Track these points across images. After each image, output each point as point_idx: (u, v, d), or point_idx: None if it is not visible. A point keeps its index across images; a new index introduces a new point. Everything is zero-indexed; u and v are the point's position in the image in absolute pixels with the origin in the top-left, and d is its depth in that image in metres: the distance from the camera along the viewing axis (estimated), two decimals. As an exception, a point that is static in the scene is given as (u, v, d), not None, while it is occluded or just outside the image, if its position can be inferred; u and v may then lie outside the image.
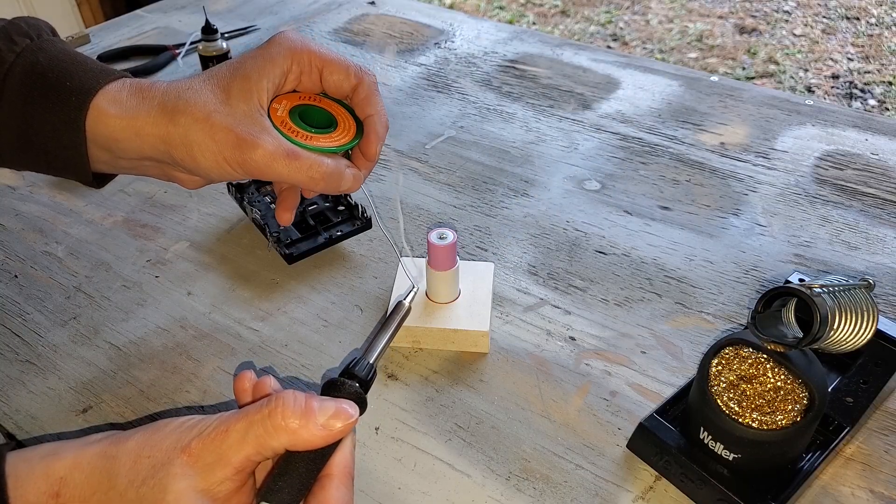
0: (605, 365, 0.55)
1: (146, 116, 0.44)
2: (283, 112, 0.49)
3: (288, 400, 0.34)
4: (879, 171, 0.76)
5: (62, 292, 0.64)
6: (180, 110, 0.44)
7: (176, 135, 0.44)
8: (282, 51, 0.48)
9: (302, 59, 0.49)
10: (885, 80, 2.56)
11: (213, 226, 0.71)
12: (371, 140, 0.50)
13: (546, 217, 0.71)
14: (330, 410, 0.35)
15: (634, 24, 3.04)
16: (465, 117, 0.87)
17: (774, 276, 0.63)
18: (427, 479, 0.48)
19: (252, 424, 0.34)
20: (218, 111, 0.44)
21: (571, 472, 0.48)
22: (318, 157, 0.47)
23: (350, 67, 0.50)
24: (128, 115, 0.44)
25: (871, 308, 0.44)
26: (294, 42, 0.48)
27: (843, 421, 0.48)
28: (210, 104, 0.44)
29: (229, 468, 0.33)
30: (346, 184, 0.49)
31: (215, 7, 1.18)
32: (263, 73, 0.47)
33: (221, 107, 0.45)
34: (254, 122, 0.46)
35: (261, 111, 0.46)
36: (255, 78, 0.47)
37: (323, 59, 0.49)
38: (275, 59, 0.48)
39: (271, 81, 0.47)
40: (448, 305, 0.57)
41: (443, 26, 1.09)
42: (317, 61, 0.49)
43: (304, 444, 0.34)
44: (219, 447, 0.34)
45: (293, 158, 0.46)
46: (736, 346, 0.45)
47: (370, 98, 0.50)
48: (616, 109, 0.87)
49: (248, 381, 0.39)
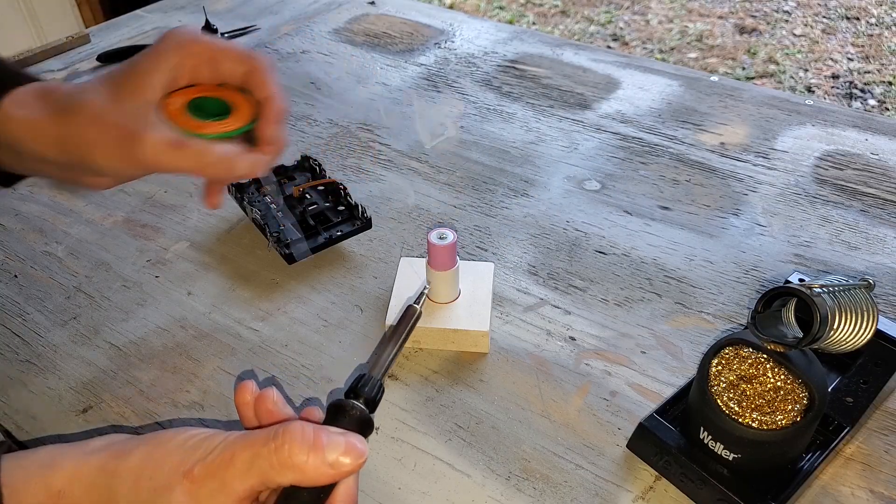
0: (605, 365, 0.55)
1: (45, 118, 0.45)
2: (178, 105, 0.50)
3: (296, 434, 0.33)
4: (879, 171, 0.76)
5: (62, 292, 0.64)
6: (75, 110, 0.45)
7: (71, 135, 0.45)
8: (171, 45, 0.49)
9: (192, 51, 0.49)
10: (885, 80, 2.56)
11: (213, 226, 0.71)
12: (267, 121, 0.50)
13: (546, 217, 0.71)
14: (340, 447, 0.33)
15: (634, 24, 3.04)
16: (465, 117, 0.87)
17: (774, 276, 0.63)
18: (427, 479, 0.48)
19: (258, 457, 0.33)
20: (108, 109, 0.45)
21: (571, 472, 0.48)
22: (206, 144, 0.48)
23: (241, 53, 0.51)
24: (29, 117, 0.45)
25: (871, 308, 0.44)
26: (183, 36, 0.49)
27: (843, 421, 0.48)
28: (101, 103, 0.45)
29: (232, 498, 0.33)
30: (241, 168, 0.49)
31: (215, 7, 1.18)
32: (153, 69, 0.48)
33: (112, 105, 0.45)
34: (141, 117, 0.46)
35: (149, 105, 0.47)
36: (145, 74, 0.48)
37: (214, 49, 0.50)
38: (164, 54, 0.48)
39: (162, 76, 0.48)
40: (448, 305, 0.57)
41: (443, 26, 1.09)
42: (207, 52, 0.50)
43: (311, 482, 0.33)
44: (223, 476, 0.32)
45: (179, 148, 0.47)
46: (736, 346, 0.45)
47: (264, 81, 0.51)
48: (616, 109, 0.87)
49: (250, 393, 0.38)
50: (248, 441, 0.33)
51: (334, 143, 0.83)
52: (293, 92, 0.93)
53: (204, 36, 0.50)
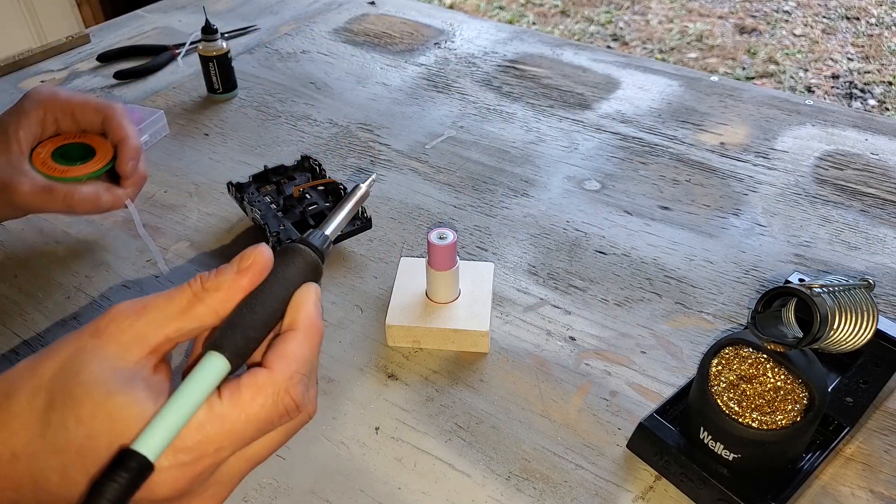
0: (605, 365, 0.55)
1: None
2: (46, 154, 0.58)
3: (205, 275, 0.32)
4: (879, 171, 0.76)
5: (62, 292, 0.64)
6: None
7: None
8: (32, 104, 0.58)
9: (52, 106, 0.58)
10: (885, 80, 2.56)
11: (213, 226, 0.71)
12: (122, 160, 0.59)
13: (546, 217, 0.71)
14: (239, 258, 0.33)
15: (634, 24, 3.04)
16: (465, 117, 0.87)
17: (774, 276, 0.63)
18: (427, 479, 0.48)
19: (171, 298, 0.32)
20: None
21: (571, 472, 0.48)
22: (71, 186, 0.57)
23: (96, 104, 0.60)
24: None
25: (871, 308, 0.44)
26: (42, 94, 0.58)
27: (843, 421, 0.48)
28: None
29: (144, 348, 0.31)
30: (105, 204, 0.58)
31: (215, 7, 1.18)
32: (19, 126, 0.56)
33: None
34: (14, 168, 0.55)
35: (20, 158, 0.56)
36: (13, 130, 0.56)
37: (70, 103, 0.59)
38: (27, 112, 0.57)
39: (28, 131, 0.57)
40: (448, 305, 0.57)
41: (443, 26, 1.09)
42: (65, 106, 0.59)
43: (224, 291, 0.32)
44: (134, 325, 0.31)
45: (48, 193, 0.56)
46: (736, 346, 0.45)
47: (117, 126, 0.59)
48: (616, 109, 0.87)
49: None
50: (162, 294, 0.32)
51: (334, 143, 0.83)
52: (293, 92, 0.93)
53: (62, 92, 0.59)
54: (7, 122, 0.57)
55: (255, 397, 0.30)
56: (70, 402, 0.29)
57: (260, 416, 0.30)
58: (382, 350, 0.57)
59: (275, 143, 0.83)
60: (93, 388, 0.29)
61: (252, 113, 0.89)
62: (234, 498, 0.47)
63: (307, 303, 0.34)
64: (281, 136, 0.84)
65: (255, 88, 0.94)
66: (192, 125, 0.87)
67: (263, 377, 0.31)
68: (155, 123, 0.83)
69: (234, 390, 0.30)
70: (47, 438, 0.29)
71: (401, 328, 0.56)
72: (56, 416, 0.29)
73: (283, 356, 0.32)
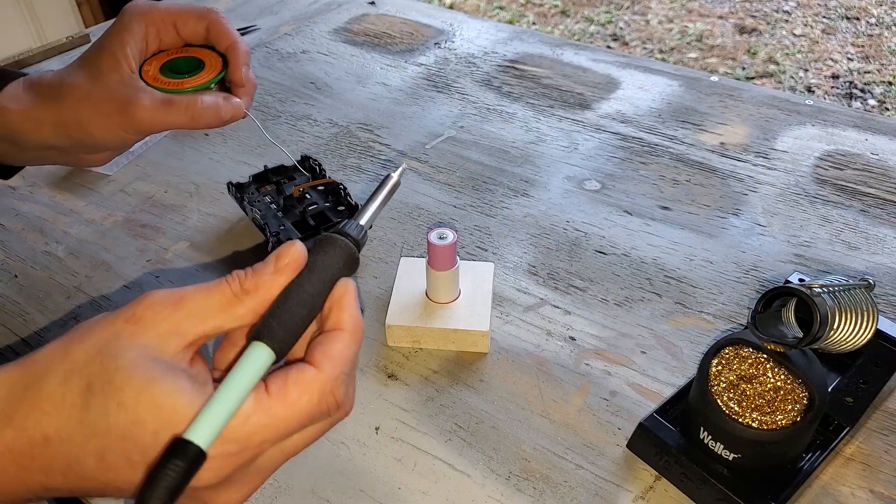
0: (605, 365, 0.55)
1: (40, 107, 0.49)
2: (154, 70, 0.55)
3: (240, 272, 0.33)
4: (879, 171, 0.76)
5: (62, 292, 0.64)
6: (65, 95, 0.49)
7: (68, 118, 0.49)
8: (133, 18, 0.54)
9: (153, 19, 0.55)
10: (885, 80, 2.56)
11: (213, 226, 0.71)
12: (235, 66, 0.56)
13: (546, 217, 0.71)
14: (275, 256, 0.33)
15: (634, 24, 3.04)
16: (465, 117, 0.87)
17: (774, 276, 0.63)
18: (427, 479, 0.48)
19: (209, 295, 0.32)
20: (95, 87, 0.50)
21: (571, 472, 0.48)
22: (191, 97, 0.53)
23: (197, 12, 0.56)
24: (25, 108, 0.49)
25: (871, 308, 0.44)
26: (141, 7, 0.55)
27: (843, 421, 0.48)
28: (87, 83, 0.50)
29: (183, 340, 0.31)
30: (227, 113, 0.55)
31: (215, 7, 1.18)
32: (124, 42, 0.53)
33: (97, 82, 0.50)
34: (128, 86, 0.51)
35: (132, 76, 0.52)
36: (118, 48, 0.52)
37: (172, 14, 0.56)
38: (129, 27, 0.53)
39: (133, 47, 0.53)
40: (448, 305, 0.57)
41: (443, 26, 1.09)
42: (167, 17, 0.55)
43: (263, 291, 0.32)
44: (171, 317, 0.31)
45: (170, 105, 0.52)
46: (736, 346, 0.45)
47: (223, 32, 0.56)
48: (616, 109, 0.88)
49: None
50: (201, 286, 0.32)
51: (334, 143, 0.83)
52: (293, 92, 0.93)
53: (160, 4, 0.55)
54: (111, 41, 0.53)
55: (302, 395, 0.31)
56: (109, 387, 0.29)
57: (304, 413, 0.31)
58: (382, 350, 0.57)
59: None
60: (133, 373, 0.29)
61: (252, 113, 0.88)
62: (234, 498, 0.47)
63: (351, 303, 0.34)
64: (281, 136, 0.84)
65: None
66: (192, 125, 0.87)
67: (311, 375, 0.31)
68: (155, 123, 0.83)
69: (282, 386, 0.31)
70: (85, 423, 0.29)
71: (401, 328, 0.56)
72: (96, 401, 0.29)
73: (331, 357, 0.32)
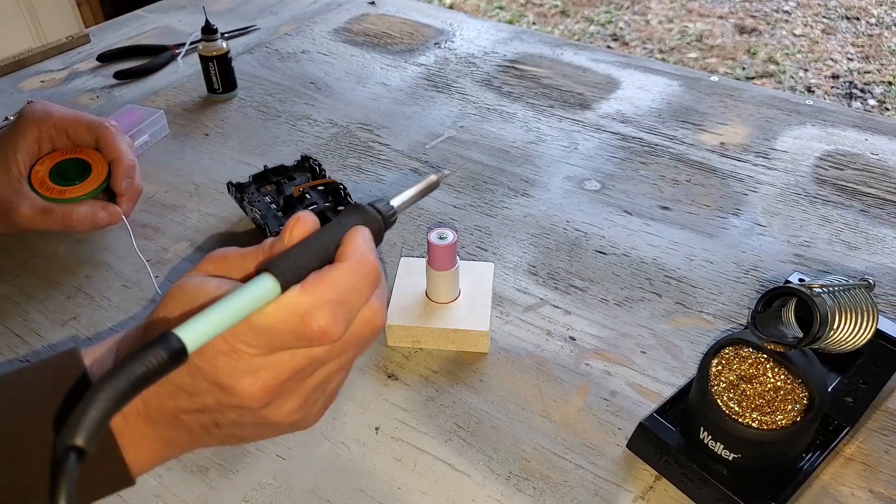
0: (605, 365, 0.55)
1: None
2: (44, 173, 0.61)
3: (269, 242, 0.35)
4: (879, 171, 0.76)
5: (62, 292, 0.63)
6: None
7: None
8: (27, 123, 0.60)
9: (46, 126, 0.61)
10: (885, 80, 2.56)
11: (213, 226, 0.71)
12: (117, 178, 0.62)
13: (546, 217, 0.71)
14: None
15: (634, 24, 3.04)
16: (465, 117, 0.87)
17: (774, 276, 0.63)
18: (427, 479, 0.48)
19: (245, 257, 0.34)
20: None
21: (571, 471, 0.48)
22: (68, 207, 0.60)
23: (87, 123, 0.62)
24: None
25: (871, 308, 0.44)
26: (36, 113, 0.61)
27: (843, 421, 0.48)
28: None
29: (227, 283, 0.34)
30: (103, 220, 0.62)
31: (215, 7, 1.18)
32: (17, 147, 0.59)
33: None
34: (13, 190, 0.59)
35: (20, 178, 0.59)
36: (11, 152, 0.59)
37: (65, 122, 0.62)
38: (23, 132, 0.60)
39: (25, 151, 0.60)
40: (448, 305, 0.57)
41: (443, 26, 1.09)
42: (58, 124, 0.61)
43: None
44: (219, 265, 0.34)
45: (47, 214, 0.59)
46: (736, 346, 0.45)
47: (111, 145, 0.62)
48: (616, 109, 0.87)
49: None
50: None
51: (334, 143, 0.83)
52: (293, 92, 0.93)
53: (55, 110, 0.62)
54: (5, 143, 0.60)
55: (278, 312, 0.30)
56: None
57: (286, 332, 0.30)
58: (382, 350, 0.57)
59: (275, 143, 0.83)
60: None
61: (252, 113, 0.89)
62: (234, 497, 0.47)
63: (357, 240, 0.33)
64: (281, 136, 0.84)
65: (255, 88, 0.94)
66: (192, 125, 0.87)
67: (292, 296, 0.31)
68: (155, 123, 0.83)
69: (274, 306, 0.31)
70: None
71: (401, 328, 0.56)
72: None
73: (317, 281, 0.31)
